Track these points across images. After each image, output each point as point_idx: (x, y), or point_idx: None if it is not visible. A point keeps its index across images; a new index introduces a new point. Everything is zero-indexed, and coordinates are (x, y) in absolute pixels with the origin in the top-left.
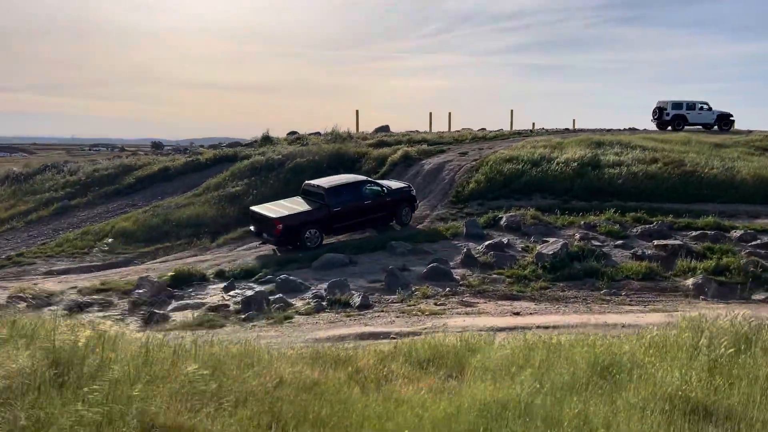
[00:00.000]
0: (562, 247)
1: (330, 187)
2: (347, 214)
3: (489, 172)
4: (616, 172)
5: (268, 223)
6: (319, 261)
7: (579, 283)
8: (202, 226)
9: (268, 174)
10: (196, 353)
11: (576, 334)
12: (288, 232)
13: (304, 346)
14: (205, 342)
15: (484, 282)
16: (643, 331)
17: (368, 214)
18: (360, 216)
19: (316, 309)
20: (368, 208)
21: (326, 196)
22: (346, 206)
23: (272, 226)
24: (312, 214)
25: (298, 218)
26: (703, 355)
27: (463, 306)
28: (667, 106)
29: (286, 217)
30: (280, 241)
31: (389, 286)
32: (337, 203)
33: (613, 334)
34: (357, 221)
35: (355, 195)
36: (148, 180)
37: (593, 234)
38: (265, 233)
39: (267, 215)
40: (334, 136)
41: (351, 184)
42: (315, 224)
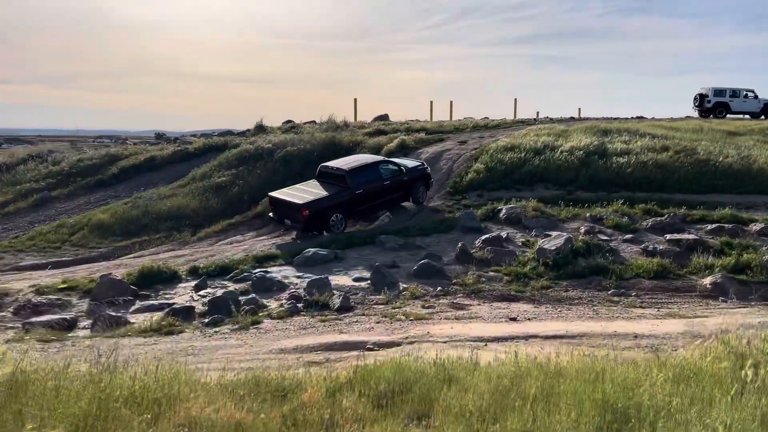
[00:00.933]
0: (565, 242)
1: (351, 169)
2: (368, 196)
3: (489, 162)
4: (624, 161)
5: (292, 209)
6: (302, 257)
7: (584, 281)
8: (183, 219)
9: (256, 163)
10: (74, 394)
11: (580, 354)
12: (314, 217)
13: (243, 369)
14: (103, 369)
15: (479, 280)
16: (662, 346)
17: (387, 194)
18: (379, 197)
19: (290, 312)
20: (387, 189)
21: (348, 178)
22: (367, 188)
23: (298, 212)
24: (336, 198)
25: (324, 203)
26: (751, 395)
27: (454, 309)
28: (708, 93)
29: (313, 203)
30: (306, 227)
31: (375, 285)
32: (359, 185)
33: (624, 347)
34: (376, 203)
35: (374, 176)
36: (134, 170)
37: (600, 227)
38: (289, 219)
39: (292, 201)
40: (330, 125)
41: (370, 165)
42: (339, 208)
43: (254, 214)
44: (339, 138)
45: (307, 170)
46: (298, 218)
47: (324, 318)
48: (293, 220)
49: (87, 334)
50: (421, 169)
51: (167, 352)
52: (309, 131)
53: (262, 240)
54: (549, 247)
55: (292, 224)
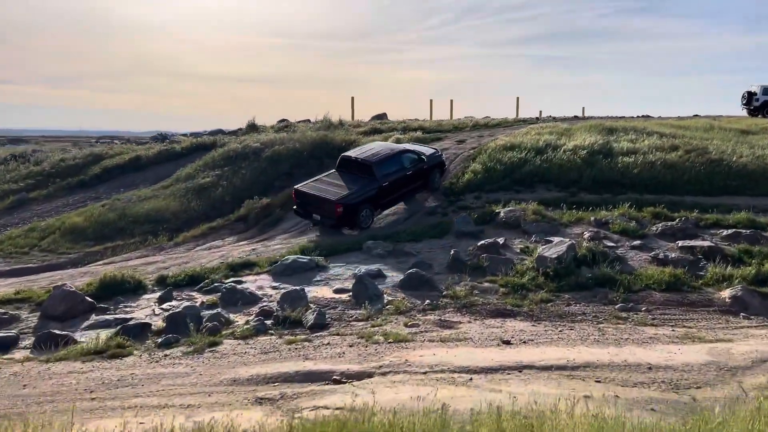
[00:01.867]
0: (568, 249)
1: (378, 161)
2: (393, 188)
3: (487, 162)
4: (630, 161)
5: (323, 205)
6: (280, 265)
7: (588, 294)
8: (161, 222)
9: (242, 163)
10: None
11: (583, 408)
12: (347, 212)
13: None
14: None
15: (472, 293)
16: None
17: (410, 184)
18: (402, 188)
19: (256, 330)
20: (409, 179)
21: (375, 169)
22: (392, 179)
23: (329, 208)
24: (366, 192)
25: (356, 198)
26: None
27: (441, 328)
28: (757, 91)
29: (345, 197)
30: (339, 224)
31: (357, 298)
32: (385, 177)
33: (636, 382)
34: (400, 194)
35: (399, 166)
36: (117, 170)
37: (605, 233)
38: (318, 215)
39: (323, 197)
40: (325, 124)
41: (394, 154)
42: (368, 202)
43: (237, 217)
44: (331, 137)
45: (296, 170)
46: (329, 214)
47: (292, 339)
48: (324, 215)
49: (25, 355)
50: (438, 156)
51: (101, 382)
52: (302, 130)
53: (242, 245)
54: (550, 255)
55: (321, 220)
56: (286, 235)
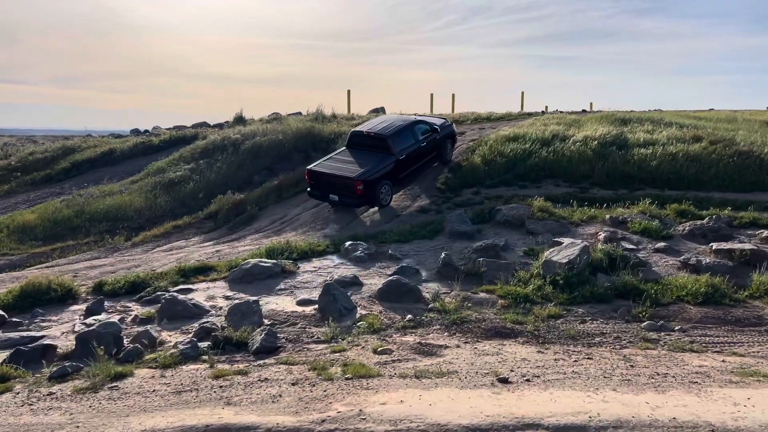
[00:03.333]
0: (581, 253)
1: (392, 133)
2: (409, 161)
3: (488, 154)
4: (648, 153)
5: (342, 184)
6: (239, 270)
7: (607, 308)
8: (122, 220)
9: (219, 156)
10: None
11: None
12: (367, 190)
13: None
14: None
15: (464, 305)
16: None
17: (424, 157)
18: (418, 161)
19: (183, 356)
20: (423, 152)
21: (390, 143)
22: (408, 152)
23: (349, 187)
24: (383, 167)
25: (375, 173)
26: None
27: (420, 354)
28: None
29: (365, 174)
30: (359, 202)
31: (323, 312)
32: (401, 150)
33: None
34: (415, 167)
35: (412, 138)
36: (87, 164)
37: (623, 233)
38: (336, 195)
39: (342, 175)
40: (315, 116)
41: (407, 126)
42: (387, 178)
43: (206, 215)
44: (319, 128)
45: (278, 164)
46: (349, 193)
47: (223, 370)
48: (343, 195)
49: None
50: (449, 125)
51: None
52: (287, 121)
53: (207, 246)
54: (559, 260)
55: (340, 200)
56: (259, 234)
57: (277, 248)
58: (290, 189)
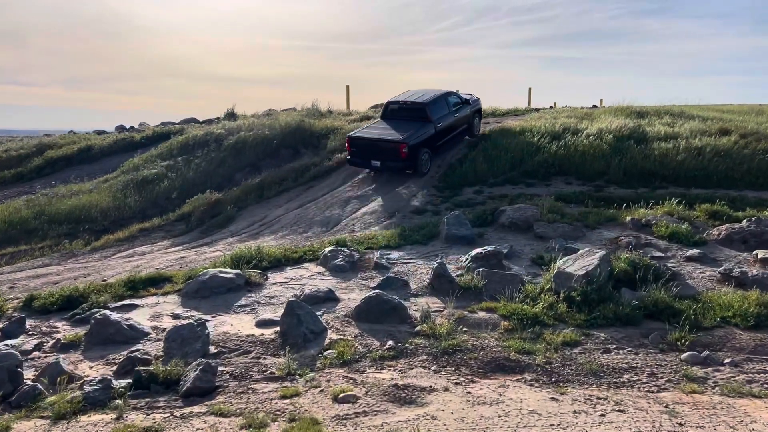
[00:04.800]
0: (600, 262)
1: (430, 101)
2: (445, 131)
3: (491, 149)
4: (670, 147)
5: (385, 148)
6: (194, 282)
7: (635, 332)
8: (85, 222)
9: (200, 152)
10: None
11: None
12: (411, 155)
13: None
14: None
15: (459, 328)
16: None
17: (457, 128)
18: (451, 131)
19: (87, 402)
20: (456, 124)
21: (428, 111)
22: (444, 122)
23: (394, 151)
24: (423, 134)
25: (417, 139)
26: None
27: (394, 404)
28: None
29: (408, 138)
30: (404, 167)
31: (284, 337)
32: (438, 119)
33: None
34: (450, 137)
35: (447, 108)
36: (63, 162)
37: (647, 238)
38: (378, 160)
39: (386, 139)
40: (309, 112)
41: (441, 96)
42: (426, 145)
43: (178, 216)
44: (310, 123)
45: (264, 161)
46: (393, 157)
47: (128, 427)
48: (386, 160)
49: None
50: (476, 101)
51: None
52: (275, 115)
53: (173, 251)
54: (574, 271)
55: (383, 165)
56: (234, 238)
57: (244, 255)
58: (274, 187)
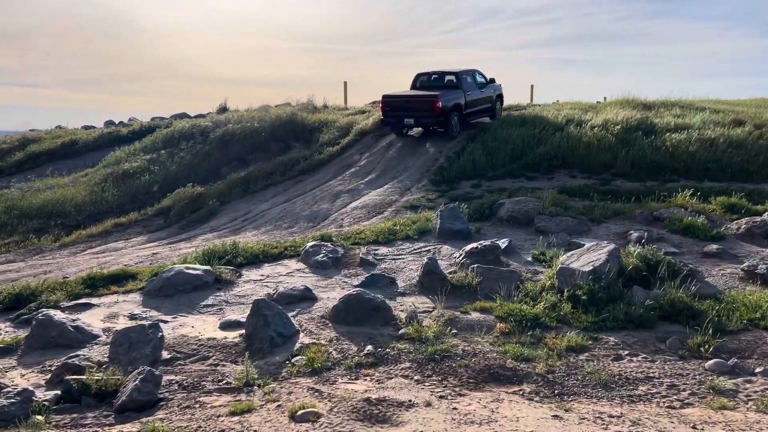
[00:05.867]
0: (609, 258)
1: (459, 71)
2: (471, 103)
3: (490, 141)
4: (682, 138)
5: (419, 105)
6: (158, 280)
7: (650, 336)
8: (58, 217)
9: (185, 145)
10: None
11: None
12: (444, 114)
13: None
14: None
15: (449, 330)
16: None
17: (482, 104)
18: (476, 106)
19: (0, 419)
20: (481, 99)
21: (460, 79)
22: (472, 94)
23: (428, 106)
24: (455, 98)
25: (448, 100)
26: None
27: (363, 423)
28: None
29: (441, 96)
30: (437, 122)
31: (250, 341)
32: (467, 88)
33: None
34: (476, 110)
35: (474, 82)
36: (46, 156)
37: (659, 232)
38: (412, 118)
39: (420, 95)
40: (305, 106)
41: (469, 70)
42: (456, 110)
43: (156, 211)
44: (302, 116)
45: (252, 154)
46: (427, 113)
47: None
48: (420, 116)
49: None
50: (499, 86)
51: None
52: (265, 108)
53: (148, 247)
54: (580, 267)
55: (416, 122)
56: (213, 234)
57: (218, 251)
58: (260, 181)
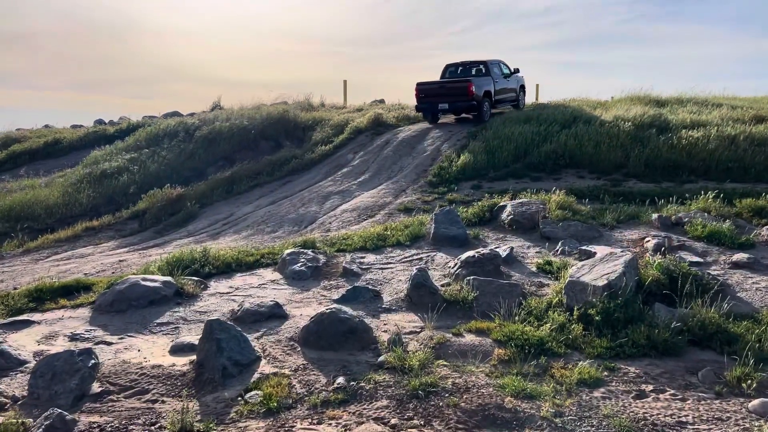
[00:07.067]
0: (626, 269)
1: (489, 60)
2: (499, 91)
3: (491, 139)
4: (700, 136)
5: (452, 90)
6: (111, 293)
7: (678, 366)
8: (26, 220)
9: (169, 143)
10: None
11: None
12: (476, 95)
13: None
14: None
15: (438, 358)
16: None
17: (507, 93)
18: (503, 94)
19: None
20: (507, 89)
21: (488, 67)
22: (499, 83)
23: (461, 90)
24: (485, 84)
25: (480, 87)
26: None
27: None
28: None
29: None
30: (471, 106)
31: (202, 369)
32: (496, 76)
33: None
34: (501, 99)
35: (501, 72)
36: (27, 156)
37: (680, 239)
38: (446, 102)
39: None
40: (301, 104)
41: (495, 61)
42: (487, 96)
43: (131, 214)
44: (294, 114)
45: (240, 153)
46: (461, 98)
47: None
48: (454, 101)
49: None
50: (522, 77)
51: None
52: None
53: (117, 253)
54: (592, 280)
55: (451, 107)
56: (190, 238)
57: (185, 259)
58: (245, 181)
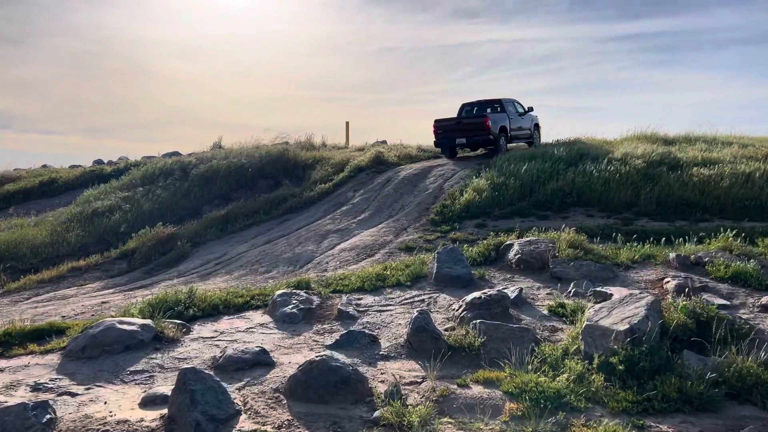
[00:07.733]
0: (649, 312)
1: (504, 99)
2: (514, 129)
3: (496, 177)
4: (713, 173)
5: (470, 126)
6: (83, 337)
7: (714, 424)
8: (9, 260)
9: (164, 182)
10: None
11: None
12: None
13: None
14: None
15: (441, 414)
16: None
17: (522, 129)
18: (517, 131)
19: None
20: (521, 126)
21: (504, 104)
22: (514, 120)
23: (479, 126)
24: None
25: (497, 121)
26: None
27: None
28: None
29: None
30: (488, 140)
31: (173, 425)
32: (510, 113)
33: None
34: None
35: (515, 110)
36: (21, 195)
37: (702, 279)
38: (464, 137)
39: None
40: (302, 144)
41: (509, 100)
42: (503, 132)
43: (120, 253)
44: (294, 152)
45: (237, 191)
46: (478, 133)
47: None
48: (471, 136)
49: None
50: (536, 116)
51: None
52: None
53: (101, 295)
54: (612, 325)
55: (468, 141)
56: (180, 279)
57: (168, 300)
58: (241, 220)
